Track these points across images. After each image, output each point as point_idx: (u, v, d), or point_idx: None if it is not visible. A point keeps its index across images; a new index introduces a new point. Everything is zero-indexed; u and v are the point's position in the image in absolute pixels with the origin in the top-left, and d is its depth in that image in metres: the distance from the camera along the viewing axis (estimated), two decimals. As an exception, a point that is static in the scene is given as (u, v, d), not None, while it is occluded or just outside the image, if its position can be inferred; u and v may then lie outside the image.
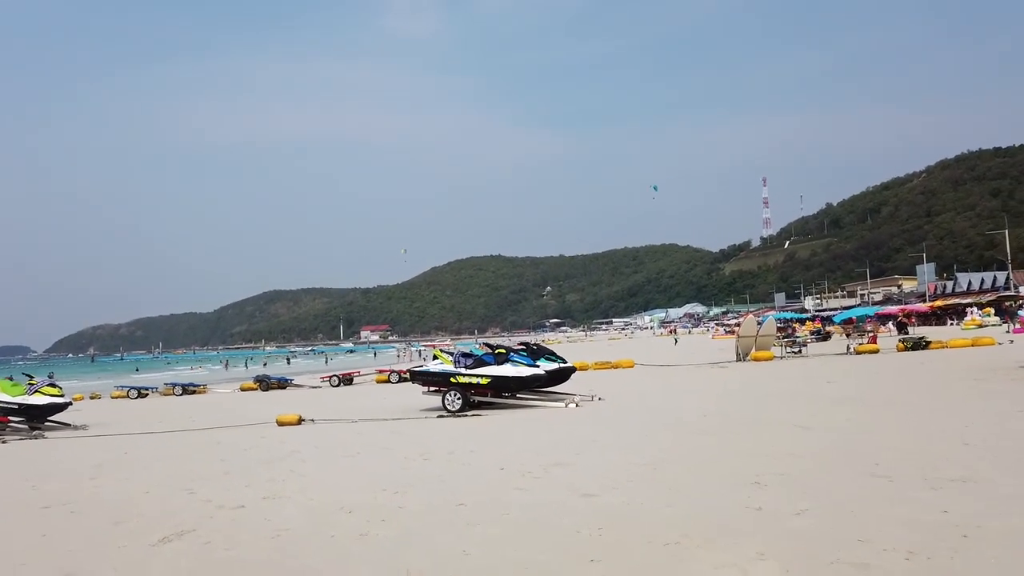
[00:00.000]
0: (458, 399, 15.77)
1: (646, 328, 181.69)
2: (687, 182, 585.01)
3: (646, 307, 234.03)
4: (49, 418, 18.27)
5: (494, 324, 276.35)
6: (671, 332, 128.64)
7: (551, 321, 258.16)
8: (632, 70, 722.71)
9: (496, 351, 16.29)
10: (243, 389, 32.63)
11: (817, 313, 47.43)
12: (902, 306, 43.99)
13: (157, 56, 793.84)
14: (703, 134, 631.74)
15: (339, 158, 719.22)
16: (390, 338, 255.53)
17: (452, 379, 16.03)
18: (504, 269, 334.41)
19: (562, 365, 16.68)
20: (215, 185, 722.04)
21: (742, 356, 29.41)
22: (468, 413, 15.30)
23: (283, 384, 31.88)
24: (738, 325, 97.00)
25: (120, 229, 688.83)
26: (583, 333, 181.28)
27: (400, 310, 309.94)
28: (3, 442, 15.81)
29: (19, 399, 17.90)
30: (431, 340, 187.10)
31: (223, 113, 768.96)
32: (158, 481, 9.46)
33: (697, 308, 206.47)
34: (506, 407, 15.89)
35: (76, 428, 18.09)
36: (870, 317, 34.49)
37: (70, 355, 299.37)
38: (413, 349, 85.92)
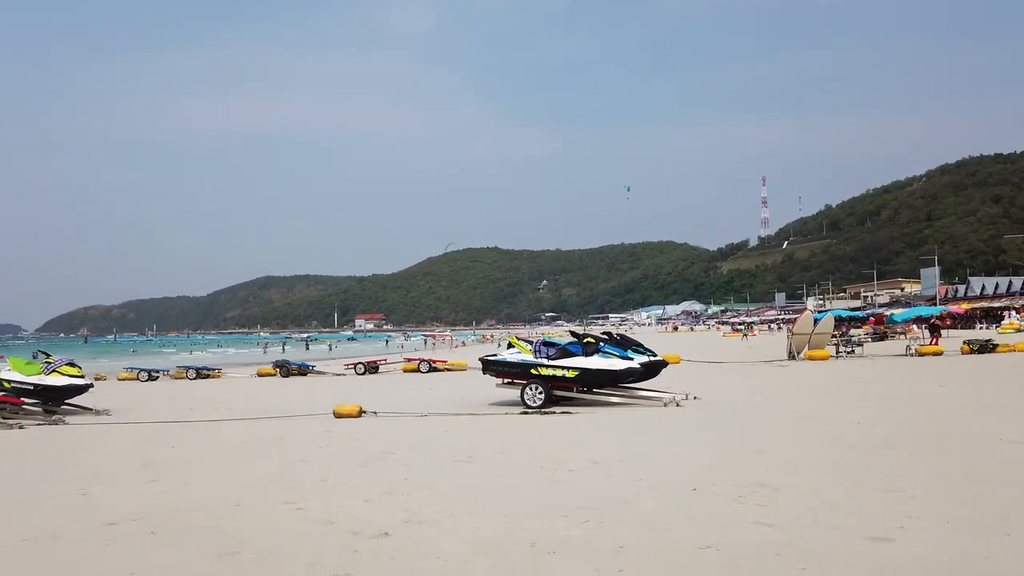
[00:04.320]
0: (540, 394, 13.89)
1: (643, 324, 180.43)
2: (686, 180, 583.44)
3: (643, 303, 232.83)
4: (67, 401, 16.27)
5: (489, 316, 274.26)
6: (674, 328, 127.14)
7: (547, 315, 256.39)
8: (632, 68, 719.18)
9: (584, 340, 14.40)
10: (260, 375, 30.60)
11: (873, 311, 45.78)
12: (942, 308, 42.39)
13: (152, 47, 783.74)
14: (703, 133, 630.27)
15: (335, 148, 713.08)
16: (384, 327, 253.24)
17: (533, 371, 14.14)
18: (500, 261, 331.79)
19: (653, 358, 14.83)
20: (210, 173, 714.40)
21: (796, 354, 27.68)
22: (556, 410, 13.41)
23: (304, 370, 29.92)
24: (743, 324, 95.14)
25: (113, 212, 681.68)
26: (581, 327, 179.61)
27: (395, 299, 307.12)
28: (20, 427, 13.81)
29: (35, 379, 15.88)
30: (428, 330, 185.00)
31: (215, 103, 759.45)
32: (239, 487, 7.53)
33: (695, 306, 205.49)
34: (594, 404, 14.02)
35: (98, 413, 16.08)
36: (935, 316, 32.77)
37: (62, 335, 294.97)
38: (454, 336, 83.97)
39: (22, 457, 10.51)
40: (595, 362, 13.89)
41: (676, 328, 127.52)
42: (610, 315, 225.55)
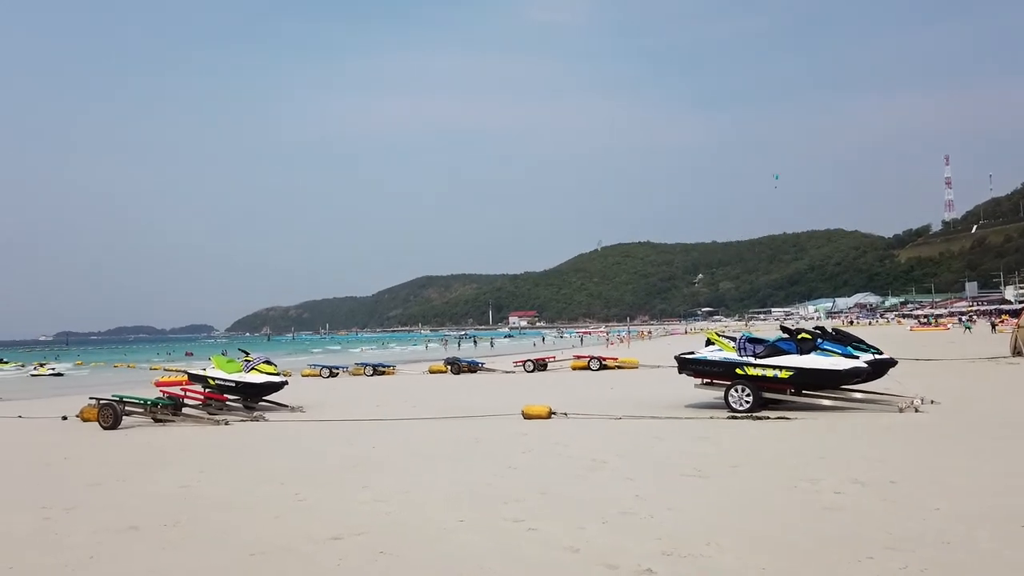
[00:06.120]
0: (748, 396, 12.50)
1: (811, 319, 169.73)
2: (855, 163, 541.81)
3: (808, 296, 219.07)
4: (265, 398, 16.88)
5: (642, 312, 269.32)
6: (850, 323, 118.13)
7: (703, 310, 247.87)
8: (791, 47, 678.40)
9: (799, 336, 12.82)
10: (431, 371, 31.02)
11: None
12: None
13: (319, 56, 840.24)
14: (873, 110, 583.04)
15: (484, 147, 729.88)
16: (537, 324, 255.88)
17: (739, 371, 12.76)
18: (653, 256, 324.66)
19: (879, 356, 12.93)
20: (371, 175, 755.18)
21: (1022, 349, 24.03)
22: (770, 416, 11.96)
23: (473, 367, 29.97)
24: (965, 316, 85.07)
25: (290, 218, 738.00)
26: (742, 323, 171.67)
27: (547, 296, 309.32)
28: (226, 423, 14.35)
29: (236, 376, 16.59)
30: (582, 327, 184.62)
31: (368, 107, 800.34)
32: (457, 498, 6.92)
33: (869, 298, 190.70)
34: (808, 408, 12.43)
35: (293, 410, 16.52)
36: None
37: (247, 334, 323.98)
38: (623, 334, 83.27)
39: (234, 454, 10.67)
40: (813, 361, 12.27)
41: (851, 322, 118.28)
42: (773, 309, 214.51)
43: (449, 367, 30.09)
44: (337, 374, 31.47)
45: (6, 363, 60.27)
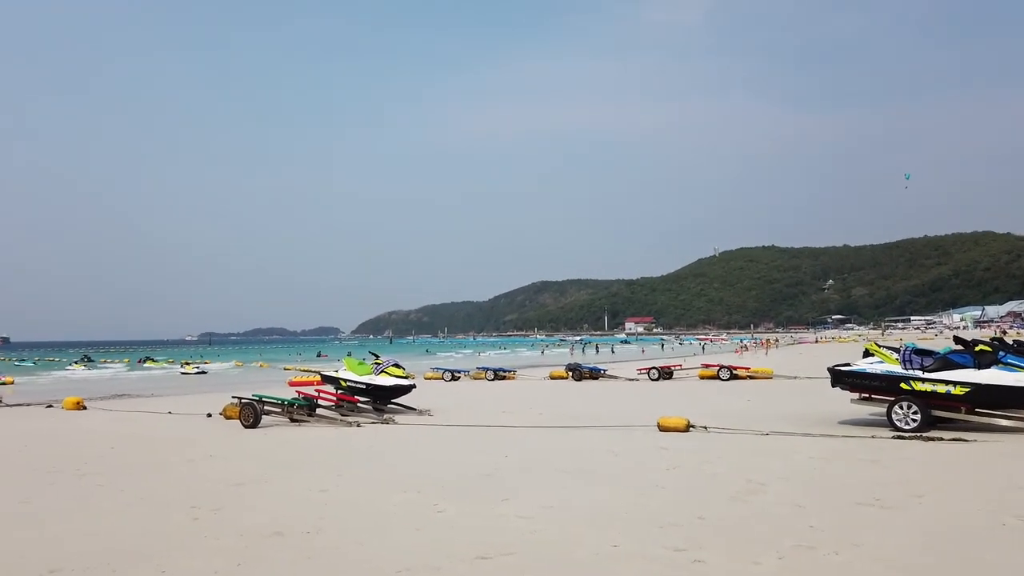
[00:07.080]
0: (915, 414, 11.24)
1: (956, 328, 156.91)
2: (1007, 160, 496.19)
3: (953, 304, 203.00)
4: (393, 400, 17.02)
5: (767, 319, 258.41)
6: (1002, 333, 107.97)
7: (834, 317, 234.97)
8: (932, 35, 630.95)
9: (977, 349, 11.41)
10: (552, 377, 30.67)
11: None
12: None
13: (448, 67, 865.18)
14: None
15: (600, 151, 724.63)
16: (654, 330, 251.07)
17: (903, 385, 11.52)
18: (778, 260, 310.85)
19: (1073, 373, 11.28)
20: (490, 180, 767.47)
21: None
22: (943, 436, 10.68)
23: (595, 374, 29.33)
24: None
25: (411, 225, 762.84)
26: (877, 331, 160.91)
27: (664, 302, 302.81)
28: (358, 425, 14.52)
29: (366, 379, 16.82)
30: (701, 333, 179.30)
31: (489, 114, 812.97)
32: (605, 519, 6.41)
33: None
34: (981, 429, 11.04)
35: (420, 413, 16.55)
36: None
37: (371, 336, 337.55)
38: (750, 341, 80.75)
39: (369, 458, 10.65)
40: (994, 376, 10.86)
41: (1004, 332, 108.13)
42: (912, 317, 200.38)
43: (570, 373, 29.61)
44: (459, 378, 31.70)
45: (157, 361, 65.30)
